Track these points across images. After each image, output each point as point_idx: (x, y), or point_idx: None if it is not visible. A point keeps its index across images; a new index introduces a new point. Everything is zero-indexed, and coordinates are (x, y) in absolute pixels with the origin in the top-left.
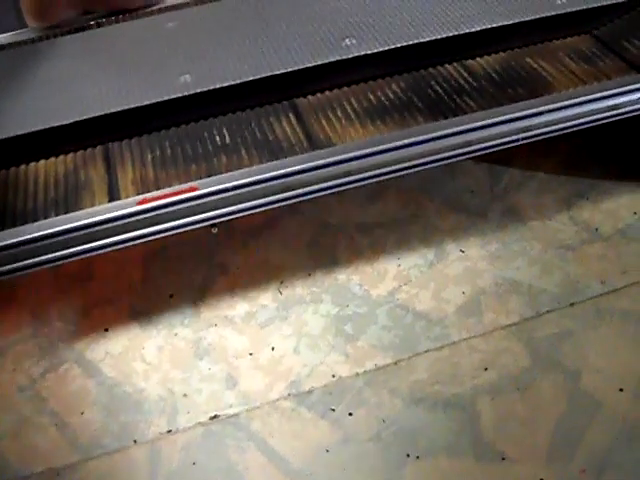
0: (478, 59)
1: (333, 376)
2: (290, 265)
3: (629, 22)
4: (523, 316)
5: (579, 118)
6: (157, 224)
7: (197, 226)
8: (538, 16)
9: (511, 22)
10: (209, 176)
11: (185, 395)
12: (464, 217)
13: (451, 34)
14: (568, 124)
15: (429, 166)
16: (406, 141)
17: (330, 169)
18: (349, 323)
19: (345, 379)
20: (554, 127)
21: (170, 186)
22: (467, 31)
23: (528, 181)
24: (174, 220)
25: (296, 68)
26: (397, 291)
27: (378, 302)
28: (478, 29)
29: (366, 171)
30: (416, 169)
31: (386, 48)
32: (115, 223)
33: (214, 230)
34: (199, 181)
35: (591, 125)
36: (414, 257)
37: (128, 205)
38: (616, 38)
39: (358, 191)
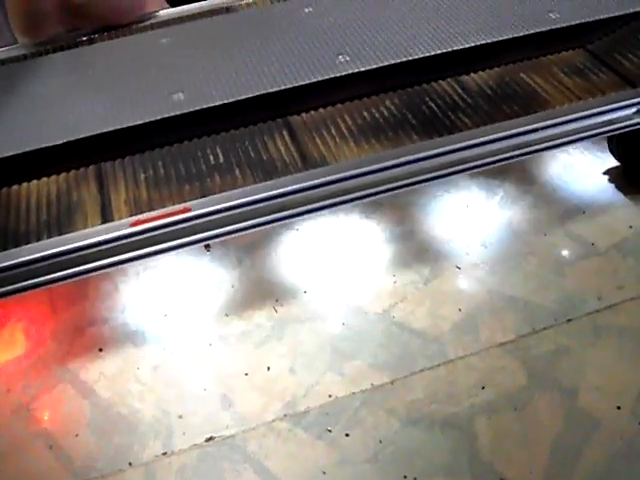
0: (472, 75)
1: (329, 396)
2: (285, 283)
3: (622, 36)
4: (519, 333)
5: (574, 134)
6: (151, 245)
7: (191, 247)
8: (532, 31)
9: (505, 38)
10: (203, 196)
11: (180, 416)
12: (460, 232)
13: (445, 50)
14: (563, 140)
15: (424, 184)
16: (401, 160)
17: (325, 188)
18: (345, 342)
19: (341, 399)
20: (549, 143)
21: (163, 207)
22: (461, 47)
23: (523, 195)
24: (168, 241)
25: (290, 86)
26: (393, 308)
27: (374, 320)
28: (472, 45)
29: (361, 190)
30: (411, 187)
31: (380, 65)
32: (109, 245)
33: (208, 250)
34: (192, 202)
35: (586, 140)
36: (410, 273)
37: (121, 227)
38: (610, 52)
39: (354, 207)
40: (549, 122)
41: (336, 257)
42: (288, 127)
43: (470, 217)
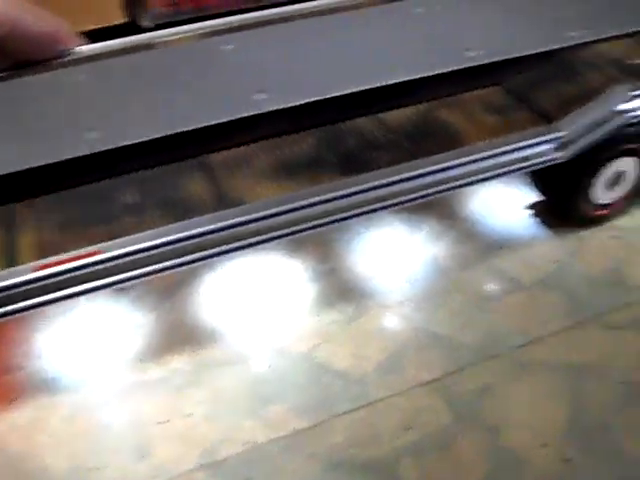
0: (392, 112)
1: (249, 443)
2: (207, 325)
3: (539, 74)
4: (445, 371)
5: (492, 170)
6: (59, 290)
7: (103, 290)
8: (449, 69)
9: (423, 75)
10: (114, 238)
11: (93, 469)
12: (384, 269)
13: (364, 87)
14: (481, 176)
15: (343, 222)
16: (317, 199)
17: (242, 228)
18: (267, 385)
19: (262, 445)
20: (468, 180)
21: (73, 249)
22: (381, 84)
23: (448, 231)
24: (77, 285)
25: (205, 124)
26: (316, 349)
27: (297, 361)
28: (392, 82)
29: (279, 229)
30: (329, 225)
31: (298, 102)
32: (14, 290)
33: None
34: (102, 244)
35: (504, 176)
36: (334, 313)
37: (27, 271)
38: (527, 90)
39: (276, 245)
40: (467, 159)
41: (259, 297)
42: (204, 166)
43: (394, 254)
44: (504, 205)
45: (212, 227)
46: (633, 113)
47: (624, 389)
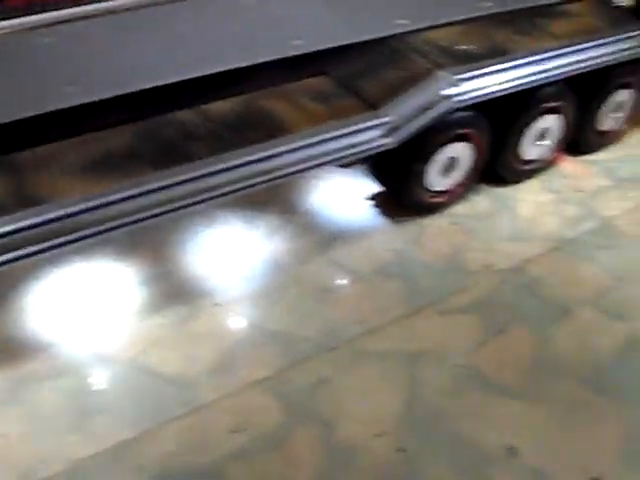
0: (214, 104)
1: (71, 460)
2: (26, 337)
3: (367, 62)
4: (279, 367)
5: (317, 158)
6: None
7: None
8: (275, 57)
9: (248, 63)
10: None
11: None
12: (221, 268)
13: (185, 78)
14: (307, 164)
15: (161, 217)
16: (128, 193)
17: (46, 228)
18: (91, 397)
19: (85, 461)
20: (293, 168)
21: None
22: (204, 73)
23: (286, 225)
24: None
25: (6, 120)
26: (144, 354)
27: (124, 369)
28: (216, 71)
29: (87, 228)
30: (146, 222)
31: (112, 95)
32: None
33: None
34: None
35: (331, 164)
36: (166, 315)
37: None
38: (355, 78)
39: (106, 248)
40: (290, 146)
41: (85, 304)
42: (9, 165)
43: (232, 252)
44: (345, 197)
45: (12, 228)
46: (459, 97)
47: (460, 372)
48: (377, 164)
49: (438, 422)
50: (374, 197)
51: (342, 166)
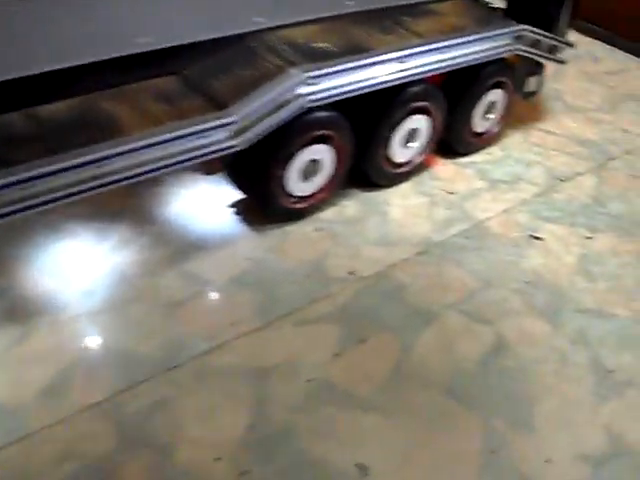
0: (48, 105)
1: None
2: None
3: (218, 61)
4: (115, 389)
5: (157, 161)
6: None
7: None
8: (115, 55)
9: (82, 62)
10: None
11: None
12: (63, 283)
13: (8, 77)
14: (145, 169)
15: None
16: None
17: None
18: None
19: None
20: (128, 173)
21: None
22: (29, 73)
23: (139, 237)
24: None
25: None
26: None
27: None
28: (44, 70)
29: None
30: None
31: None
32: None
33: None
34: None
35: (174, 167)
36: None
37: None
38: (204, 77)
39: None
40: (124, 149)
41: None
42: None
43: (76, 265)
44: (206, 205)
45: None
46: (311, 96)
47: (312, 387)
48: (236, 169)
49: (286, 441)
50: (236, 204)
51: (207, 174)
